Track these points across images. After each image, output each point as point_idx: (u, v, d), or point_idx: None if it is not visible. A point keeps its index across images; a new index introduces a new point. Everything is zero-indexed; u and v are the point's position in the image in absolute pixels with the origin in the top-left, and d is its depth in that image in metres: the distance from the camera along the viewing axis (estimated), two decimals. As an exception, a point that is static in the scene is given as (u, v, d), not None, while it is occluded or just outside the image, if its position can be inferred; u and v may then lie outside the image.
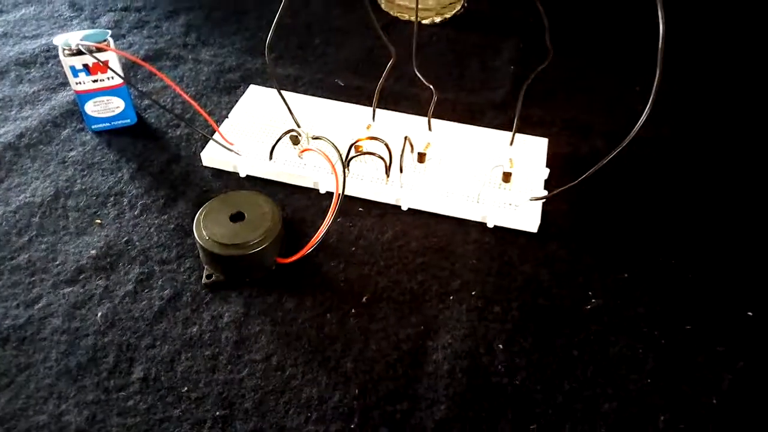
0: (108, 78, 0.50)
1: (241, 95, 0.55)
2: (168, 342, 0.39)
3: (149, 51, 0.62)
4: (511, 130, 0.51)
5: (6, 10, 0.67)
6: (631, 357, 0.39)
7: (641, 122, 0.38)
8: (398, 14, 0.67)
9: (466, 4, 0.69)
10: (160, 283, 0.42)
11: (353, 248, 0.45)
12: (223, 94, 0.57)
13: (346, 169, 0.47)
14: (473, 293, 0.42)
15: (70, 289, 0.42)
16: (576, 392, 0.37)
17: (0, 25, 0.65)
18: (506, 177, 0.47)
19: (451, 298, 0.42)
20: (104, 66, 0.49)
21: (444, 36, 0.66)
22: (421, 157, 0.48)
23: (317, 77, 0.59)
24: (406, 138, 0.47)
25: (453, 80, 0.59)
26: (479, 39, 0.65)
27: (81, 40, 0.47)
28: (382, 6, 0.68)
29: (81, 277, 0.43)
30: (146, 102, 0.56)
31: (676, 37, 0.58)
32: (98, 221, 0.46)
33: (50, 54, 0.61)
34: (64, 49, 0.48)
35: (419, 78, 0.52)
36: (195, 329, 0.40)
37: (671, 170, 0.51)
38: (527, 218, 0.46)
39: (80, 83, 0.50)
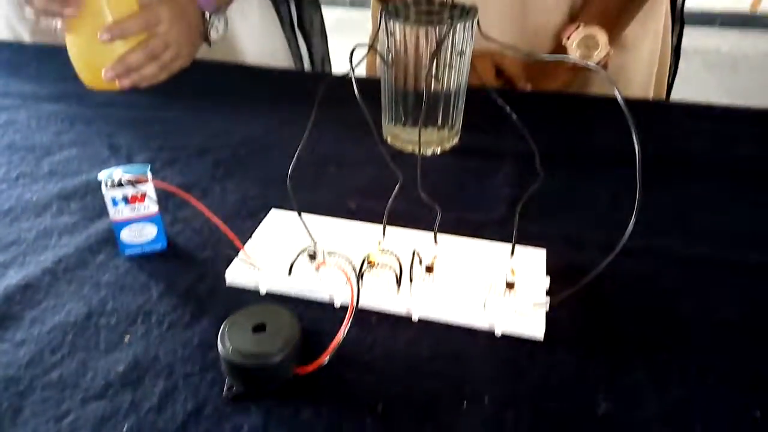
0: (144, 207, 0.56)
1: (263, 219, 0.61)
2: (190, 453, 0.40)
3: (180, 184, 0.68)
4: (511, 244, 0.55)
5: (52, 152, 0.75)
6: (644, 458, 0.40)
7: (627, 234, 0.42)
8: (401, 147, 0.74)
9: (458, 136, 0.76)
10: (183, 396, 0.44)
11: (368, 357, 0.47)
12: (247, 219, 0.62)
13: (359, 281, 0.50)
14: (485, 399, 0.44)
15: (98, 403, 0.44)
16: (593, 496, 0.37)
17: (47, 165, 0.73)
18: (509, 286, 0.50)
19: (465, 405, 0.43)
20: (142, 197, 0.55)
21: (445, 163, 0.72)
22: (429, 269, 0.52)
23: (332, 201, 0.65)
24: (414, 252, 0.51)
25: (455, 200, 0.65)
26: (476, 165, 0.72)
27: (124, 172, 0.54)
28: (388, 141, 0.76)
29: (109, 392, 0.45)
30: (176, 229, 0.61)
31: (661, 152, 0.64)
32: (127, 338, 0.49)
33: (89, 188, 0.68)
34: (106, 183, 0.54)
35: (424, 199, 0.57)
36: (216, 440, 0.41)
37: (664, 275, 0.54)
38: (532, 325, 0.48)
39: (118, 212, 0.55)
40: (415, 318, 0.50)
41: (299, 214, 0.53)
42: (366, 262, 0.51)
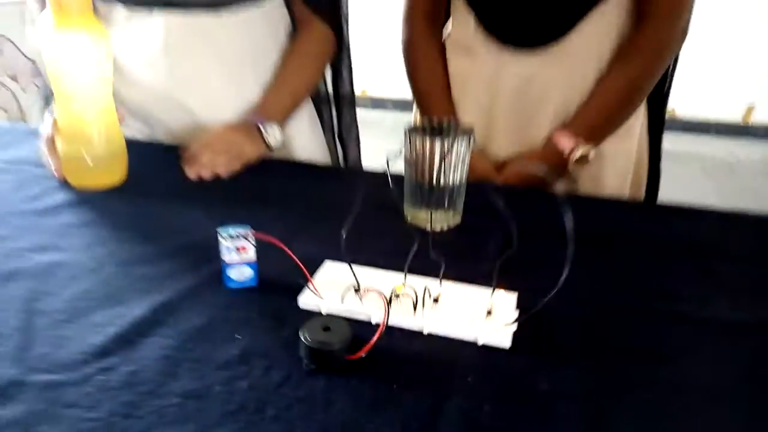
0: (246, 254, 0.83)
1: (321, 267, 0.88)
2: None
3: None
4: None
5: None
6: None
7: (562, 278, 0.69)
8: (419, 225, 1.02)
9: (460, 216, 1.04)
10: (278, 369, 0.69)
11: (392, 357, 0.72)
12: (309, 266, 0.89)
13: (389, 306, 0.76)
14: (468, 380, 0.68)
15: (225, 372, 0.69)
16: None
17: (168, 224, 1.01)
18: (489, 313, 0.76)
19: (453, 381, 0.68)
20: (245, 247, 0.82)
21: (450, 234, 1.00)
22: (436, 300, 0.78)
23: (367, 259, 0.92)
24: (425, 288, 0.77)
25: (455, 259, 0.91)
26: (472, 238, 0.99)
27: (234, 229, 0.81)
28: (408, 220, 1.04)
29: (231, 366, 0.70)
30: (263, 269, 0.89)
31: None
32: (239, 337, 0.75)
33: (196, 244, 0.96)
34: (222, 235, 0.82)
35: (433, 256, 0.84)
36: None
37: (599, 315, 0.80)
38: (502, 338, 0.73)
39: (229, 257, 0.83)
40: (425, 332, 0.76)
41: (350, 265, 0.80)
42: (393, 294, 0.77)
